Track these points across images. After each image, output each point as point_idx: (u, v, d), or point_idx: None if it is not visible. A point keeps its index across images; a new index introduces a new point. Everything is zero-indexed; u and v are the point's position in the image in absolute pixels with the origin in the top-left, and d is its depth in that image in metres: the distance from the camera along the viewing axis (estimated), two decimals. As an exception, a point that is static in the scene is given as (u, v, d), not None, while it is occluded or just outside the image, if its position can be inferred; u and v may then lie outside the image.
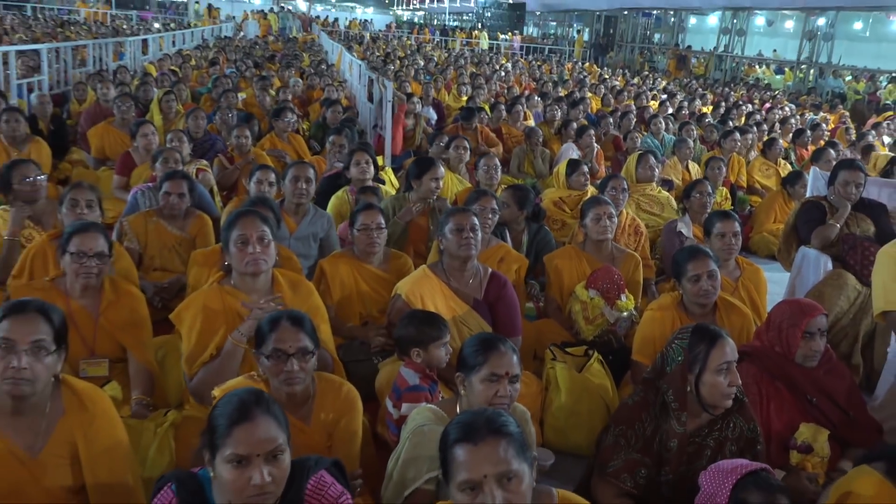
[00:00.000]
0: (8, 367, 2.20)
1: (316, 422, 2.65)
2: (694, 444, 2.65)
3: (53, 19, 25.83)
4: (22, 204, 4.24)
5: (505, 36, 31.62)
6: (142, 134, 6.25)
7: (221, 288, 3.16)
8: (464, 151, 6.38)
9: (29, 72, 10.39)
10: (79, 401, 2.39)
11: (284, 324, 2.61)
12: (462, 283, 3.64)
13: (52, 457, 2.32)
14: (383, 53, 21.57)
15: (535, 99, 12.04)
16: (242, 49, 20.16)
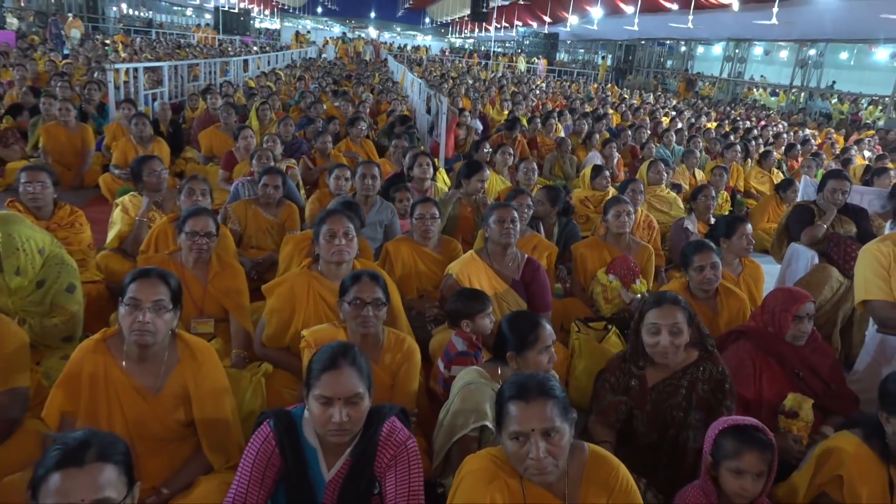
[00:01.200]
0: (135, 321, 2.24)
1: (382, 363, 2.68)
2: (670, 386, 2.63)
3: (173, 42, 26.27)
4: (150, 192, 4.33)
5: (540, 61, 31.28)
6: (242, 136, 6.32)
7: (309, 273, 3.16)
8: (508, 157, 6.34)
9: (153, 84, 10.58)
10: (191, 351, 2.42)
11: (364, 278, 2.67)
12: (503, 266, 3.62)
13: (168, 396, 2.35)
14: (439, 74, 21.50)
15: (565, 114, 11.88)
16: (324, 69, 20.27)
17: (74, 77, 11.20)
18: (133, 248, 4.18)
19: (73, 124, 6.81)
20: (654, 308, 2.60)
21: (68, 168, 6.64)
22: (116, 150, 6.51)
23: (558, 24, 36.04)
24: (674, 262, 5.12)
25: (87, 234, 4.01)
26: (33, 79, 10.35)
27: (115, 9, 36.29)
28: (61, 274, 3.16)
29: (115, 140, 6.89)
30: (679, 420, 2.60)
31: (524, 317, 2.57)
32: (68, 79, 9.78)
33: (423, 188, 5.36)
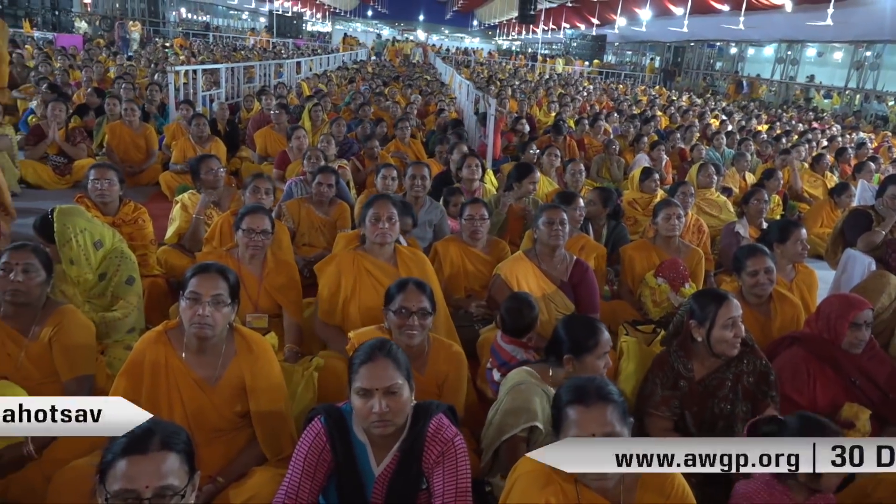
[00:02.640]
0: (195, 314, 2.28)
1: (429, 373, 2.66)
2: (716, 379, 2.67)
3: (229, 45, 26.83)
4: (207, 190, 4.43)
5: (587, 64, 30.93)
6: (295, 137, 6.40)
7: (355, 252, 3.28)
8: (555, 158, 6.29)
9: (211, 86, 10.81)
10: (247, 345, 2.46)
11: (411, 287, 2.66)
12: (551, 267, 3.59)
13: (225, 387, 2.40)
14: (486, 76, 21.46)
15: (613, 115, 11.74)
16: (374, 70, 20.44)
17: (137, 78, 11.53)
18: (191, 243, 4.29)
19: (136, 124, 7.03)
20: (726, 303, 2.63)
21: (131, 166, 6.84)
22: (176, 149, 6.69)
23: (606, 26, 35.61)
24: (723, 266, 5.01)
25: (149, 230, 4.12)
26: (98, 80, 10.69)
27: (175, 13, 37.26)
28: (121, 267, 3.28)
29: (175, 139, 7.08)
30: (727, 413, 2.63)
31: (583, 321, 2.54)
32: (131, 80, 10.07)
33: (471, 189, 5.35)
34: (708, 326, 2.64)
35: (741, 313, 2.64)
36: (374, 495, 2.04)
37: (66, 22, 22.99)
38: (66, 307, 2.61)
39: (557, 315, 3.47)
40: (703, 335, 2.66)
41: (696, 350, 2.71)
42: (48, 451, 2.36)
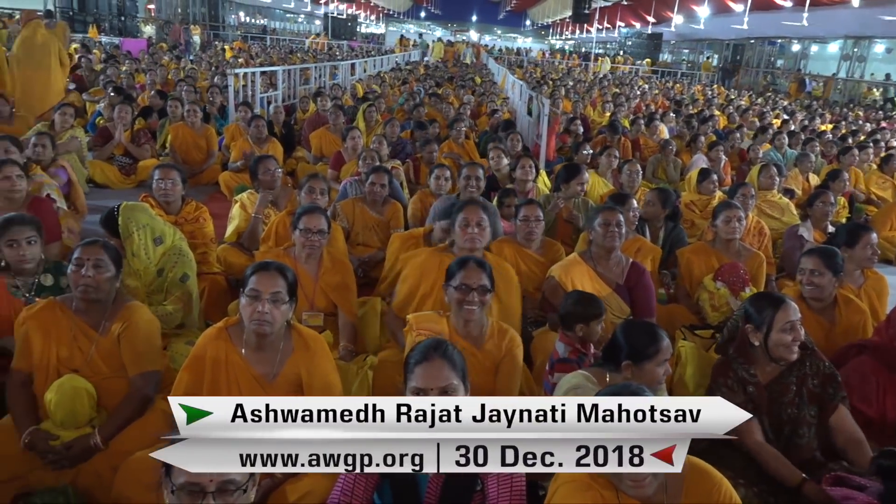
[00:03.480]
0: (254, 311, 2.33)
1: (485, 349, 2.70)
2: (780, 384, 2.60)
3: (285, 47, 27.34)
4: (265, 190, 4.52)
5: (639, 63, 30.40)
6: (350, 137, 6.47)
7: (443, 253, 3.31)
8: (613, 159, 6.20)
9: (268, 88, 11.04)
10: (304, 342, 2.49)
11: (471, 265, 2.71)
12: (606, 269, 3.54)
13: (283, 383, 2.44)
14: (539, 76, 21.32)
15: (669, 115, 11.51)
16: (426, 72, 20.53)
17: (198, 81, 11.85)
18: (249, 242, 4.38)
19: (198, 125, 7.24)
20: (783, 306, 2.56)
21: (192, 166, 7.04)
22: (235, 149, 6.85)
23: (662, 24, 34.94)
24: (785, 270, 4.85)
25: (209, 229, 4.23)
26: (161, 83, 11.03)
27: (234, 17, 38.19)
28: (178, 264, 3.40)
29: (234, 140, 7.26)
30: (793, 417, 2.56)
31: (643, 327, 2.50)
32: (193, 83, 10.36)
33: (524, 190, 5.32)
34: (765, 331, 2.57)
35: (800, 317, 2.57)
36: (428, 495, 2.04)
37: (131, 27, 23.80)
38: (135, 303, 2.70)
39: (612, 319, 3.41)
40: (760, 340, 2.59)
41: (754, 355, 2.64)
42: (114, 442, 2.44)
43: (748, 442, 2.49)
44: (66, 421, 2.43)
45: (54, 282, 3.04)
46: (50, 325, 2.55)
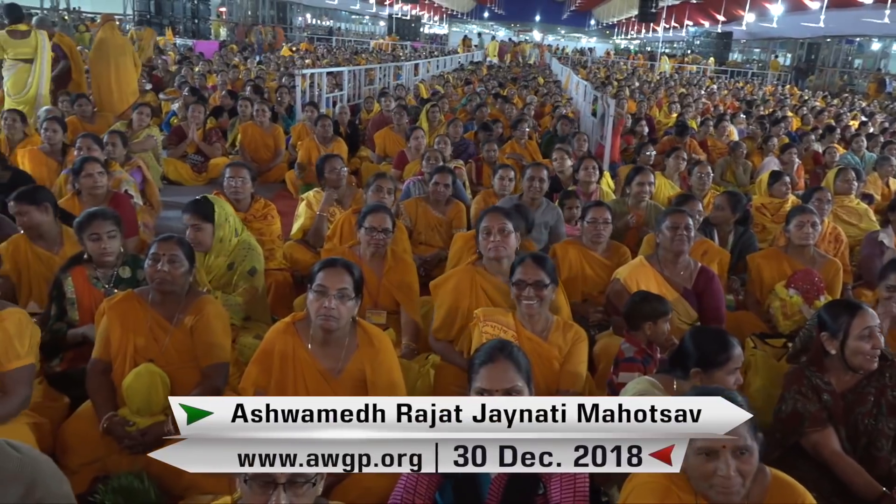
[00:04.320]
0: (321, 306, 2.37)
1: (550, 341, 2.75)
2: (857, 394, 2.49)
3: (350, 48, 27.76)
4: (331, 189, 4.60)
5: (709, 63, 29.56)
6: (414, 137, 6.51)
7: (474, 268, 3.23)
8: (681, 161, 6.06)
9: (333, 88, 11.23)
10: (369, 339, 2.53)
11: (528, 261, 2.77)
12: (674, 273, 3.46)
13: (347, 379, 2.48)
14: (604, 76, 21.02)
15: (739, 116, 11.17)
16: (489, 72, 20.50)
17: (266, 81, 12.16)
18: (315, 239, 4.46)
19: (267, 125, 7.42)
20: (860, 312, 2.47)
21: (260, 164, 7.22)
22: (301, 148, 7.00)
23: (732, 23, 33.94)
24: (863, 278, 4.64)
25: (277, 226, 4.34)
26: (232, 83, 11.36)
27: (301, 18, 39.02)
28: (247, 258, 3.51)
29: (300, 139, 7.42)
30: (870, 429, 2.46)
31: (714, 334, 2.43)
32: (262, 83, 10.64)
33: (587, 192, 5.26)
34: (842, 338, 2.47)
35: (879, 323, 2.47)
36: (490, 496, 2.04)
37: (204, 29, 24.61)
38: (207, 297, 2.79)
39: (679, 324, 3.34)
40: (836, 348, 2.49)
41: (830, 365, 2.54)
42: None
43: (825, 452, 2.40)
44: (142, 408, 2.53)
45: (132, 274, 3.16)
46: (128, 316, 2.66)
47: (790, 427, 2.54)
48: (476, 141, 7.66)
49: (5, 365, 2.41)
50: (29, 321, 2.55)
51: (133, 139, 6.44)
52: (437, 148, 5.94)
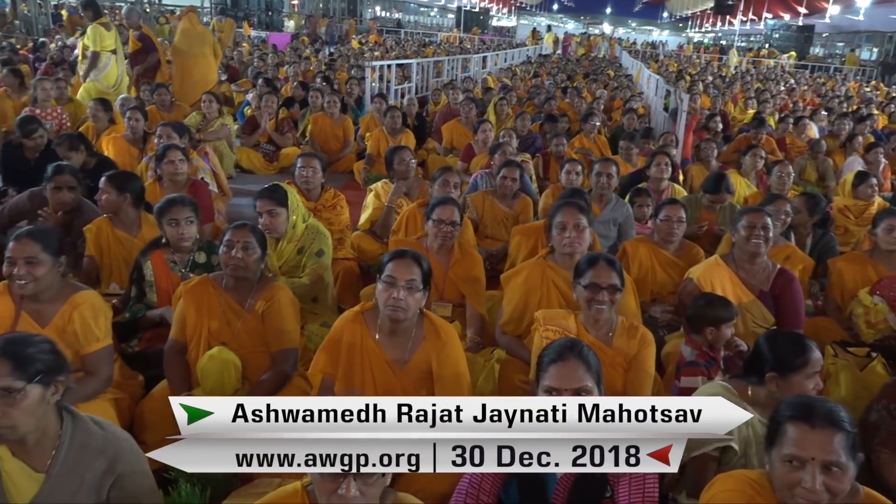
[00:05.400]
0: (390, 297, 2.38)
1: (615, 347, 2.64)
2: None
3: (418, 41, 27.87)
4: (400, 180, 4.63)
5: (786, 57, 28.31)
6: (482, 130, 6.49)
7: (545, 262, 3.18)
8: (759, 159, 5.83)
9: (402, 80, 11.29)
10: (435, 331, 2.53)
11: (601, 262, 2.65)
12: (750, 275, 3.33)
13: (413, 370, 2.49)
14: (676, 70, 20.46)
15: (820, 113, 10.69)
16: (558, 65, 20.24)
17: (337, 73, 12.33)
18: (382, 230, 4.50)
19: (337, 116, 7.52)
20: None
21: (330, 154, 7.33)
22: (370, 139, 7.07)
23: (815, 16, 32.49)
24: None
25: (346, 216, 4.40)
26: (303, 74, 11.57)
27: (371, 10, 39.42)
28: (315, 241, 3.56)
29: (369, 130, 7.49)
30: None
31: (790, 337, 2.33)
32: (333, 74, 10.79)
33: (659, 189, 5.13)
34: None
35: None
36: (556, 497, 2.01)
37: (277, 21, 25.15)
38: (278, 284, 2.85)
39: (754, 327, 3.22)
40: None
41: None
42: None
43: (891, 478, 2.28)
44: (215, 390, 2.60)
45: (207, 259, 3.26)
46: (203, 300, 2.74)
47: (862, 436, 2.42)
48: (542, 133, 7.57)
49: (86, 348, 2.54)
50: (102, 303, 2.67)
51: (207, 128, 6.63)
52: (503, 141, 5.89)
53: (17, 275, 2.42)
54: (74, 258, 3.49)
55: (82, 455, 1.76)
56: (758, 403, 2.20)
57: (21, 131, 4.90)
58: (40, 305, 2.51)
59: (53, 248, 2.50)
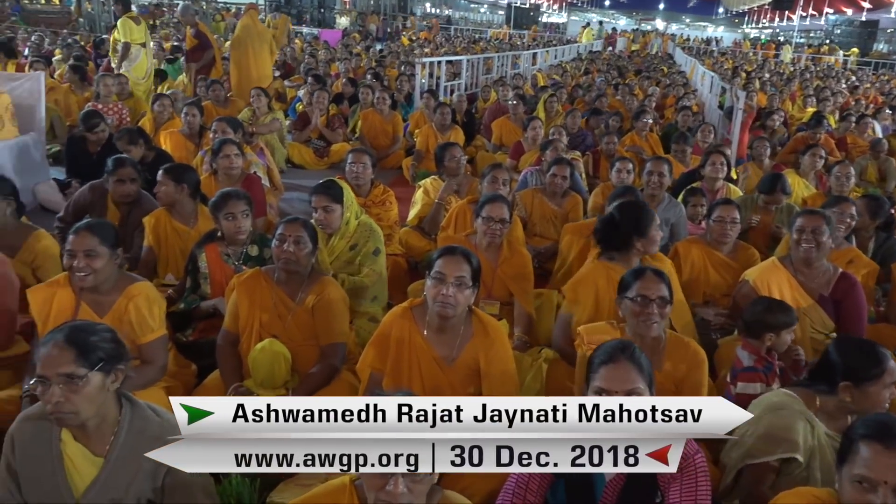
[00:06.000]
0: (439, 293, 2.37)
1: (664, 370, 2.51)
2: None
3: (468, 37, 27.82)
4: (449, 177, 4.63)
5: (848, 53, 27.29)
6: (531, 127, 6.44)
7: (605, 264, 3.12)
8: (818, 159, 5.64)
9: (451, 77, 11.29)
10: (484, 328, 2.51)
11: (649, 274, 2.56)
12: (809, 278, 3.21)
13: (461, 367, 2.48)
14: (731, 67, 19.95)
15: (884, 112, 10.28)
16: (609, 62, 19.94)
17: (386, 69, 12.40)
18: (430, 226, 4.51)
19: (387, 112, 7.57)
20: None
21: (379, 150, 7.37)
22: (419, 136, 7.09)
23: (880, 10, 31.27)
24: None
25: (395, 212, 4.42)
26: (354, 71, 11.67)
27: (421, 7, 39.54)
28: (370, 239, 3.56)
29: (418, 127, 7.51)
30: None
31: (863, 344, 2.24)
32: (382, 71, 10.85)
33: (713, 189, 5.00)
34: None
35: None
36: (604, 500, 1.98)
37: (329, 18, 25.45)
38: (328, 278, 2.88)
39: (812, 333, 3.12)
40: None
41: None
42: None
43: None
44: (265, 381, 2.65)
45: (259, 252, 3.32)
46: (255, 293, 2.78)
47: None
48: (589, 129, 7.47)
49: (141, 338, 2.61)
50: (156, 293, 2.73)
51: (259, 123, 6.75)
52: (553, 138, 5.83)
53: (77, 267, 2.50)
54: (130, 250, 3.59)
55: (140, 441, 1.80)
56: (827, 413, 2.13)
57: (84, 125, 5.08)
58: (98, 296, 2.59)
59: (111, 240, 2.57)
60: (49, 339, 1.77)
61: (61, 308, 2.56)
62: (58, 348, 1.73)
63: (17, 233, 3.25)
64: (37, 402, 1.87)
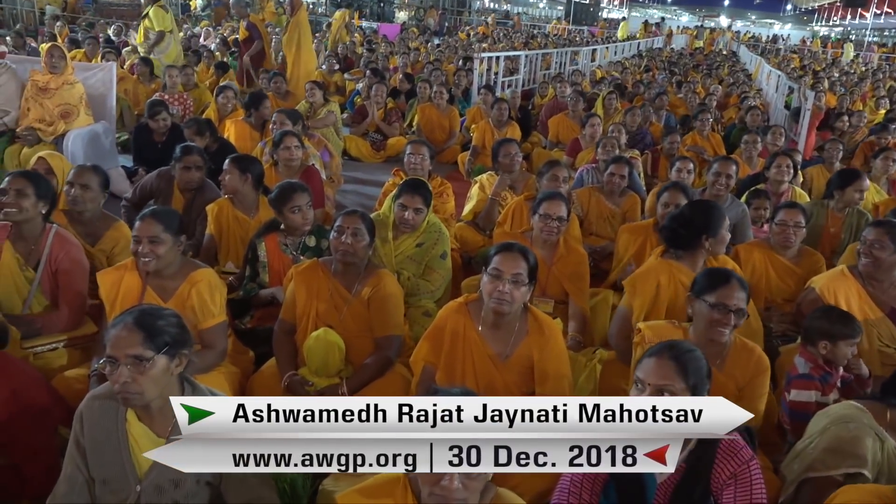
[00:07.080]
0: (495, 289, 2.37)
1: (728, 371, 2.46)
2: None
3: (526, 33, 27.60)
4: (505, 173, 4.60)
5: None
6: (590, 125, 6.34)
7: (668, 262, 3.05)
8: (892, 163, 5.39)
9: (508, 72, 11.22)
10: (539, 326, 2.50)
11: (734, 282, 2.45)
12: (879, 290, 3.08)
13: (515, 364, 2.47)
14: (798, 65, 19.27)
15: (964, 115, 9.77)
16: (670, 59, 19.49)
17: (444, 64, 12.40)
18: (485, 222, 4.49)
19: (444, 106, 7.58)
20: None
21: (435, 145, 7.37)
22: (476, 131, 7.07)
23: (961, 8, 29.73)
24: None
25: (451, 205, 4.42)
26: (412, 65, 11.71)
27: (479, 2, 39.42)
28: (438, 241, 3.52)
29: (475, 122, 7.49)
30: None
31: None
32: (440, 66, 10.86)
33: (778, 191, 4.83)
34: None
35: None
36: (656, 503, 1.94)
37: (388, 13, 25.64)
38: (384, 271, 2.89)
39: (881, 346, 2.99)
40: None
41: None
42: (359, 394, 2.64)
43: None
44: (320, 370, 2.69)
45: (316, 243, 3.36)
46: (312, 283, 2.82)
47: None
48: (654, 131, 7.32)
49: (203, 323, 2.67)
50: (218, 280, 2.80)
51: (315, 116, 6.83)
52: (612, 136, 5.73)
53: (142, 252, 2.58)
54: (193, 237, 3.69)
55: (200, 424, 1.85)
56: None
57: (147, 113, 5.25)
58: (163, 281, 2.66)
59: (174, 227, 2.64)
60: (119, 321, 1.83)
61: (128, 290, 2.65)
62: (127, 330, 1.79)
63: (101, 223, 3.36)
64: (104, 382, 1.94)
